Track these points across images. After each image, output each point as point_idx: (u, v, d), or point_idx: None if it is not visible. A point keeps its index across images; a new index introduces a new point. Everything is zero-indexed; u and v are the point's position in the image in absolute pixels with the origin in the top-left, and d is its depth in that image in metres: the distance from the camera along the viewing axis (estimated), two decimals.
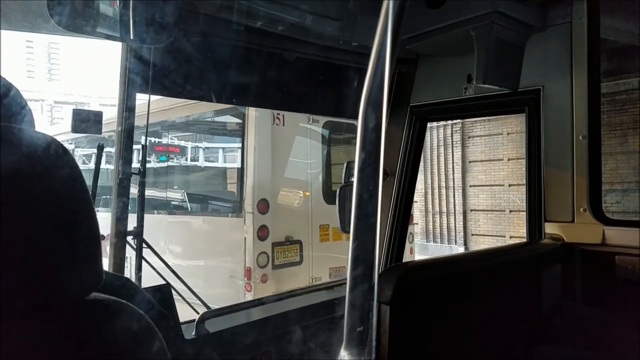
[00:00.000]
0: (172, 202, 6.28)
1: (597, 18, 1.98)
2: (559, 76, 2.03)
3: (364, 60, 0.60)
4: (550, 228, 2.07)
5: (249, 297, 4.76)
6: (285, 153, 5.19)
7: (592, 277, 1.96)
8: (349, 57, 2.37)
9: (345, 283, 0.67)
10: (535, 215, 2.13)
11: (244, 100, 2.60)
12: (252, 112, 5.03)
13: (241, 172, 5.16)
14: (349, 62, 2.39)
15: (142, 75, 1.98)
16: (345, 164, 2.95)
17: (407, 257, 6.04)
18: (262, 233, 4.98)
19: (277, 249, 5.01)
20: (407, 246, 6.20)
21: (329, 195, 5.51)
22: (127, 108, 2.06)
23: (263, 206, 5.00)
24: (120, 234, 2.18)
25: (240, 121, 5.19)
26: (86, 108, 2.56)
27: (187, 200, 6.15)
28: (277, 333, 2.18)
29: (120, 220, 2.18)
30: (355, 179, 0.64)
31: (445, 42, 2.18)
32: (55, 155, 0.66)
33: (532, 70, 2.09)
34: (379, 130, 0.59)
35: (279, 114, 5.14)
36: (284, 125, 5.16)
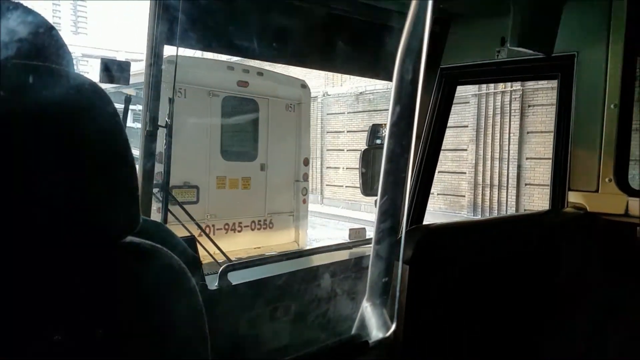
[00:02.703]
0: None
1: None
2: (595, 42, 1.96)
3: (400, 20, 0.59)
4: (573, 197, 2.05)
5: None
6: (185, 119, 6.15)
7: (612, 247, 1.94)
8: (383, 15, 2.30)
9: (367, 244, 0.67)
10: (560, 183, 2.10)
11: (271, 56, 2.55)
12: None
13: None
14: (384, 20, 2.32)
15: (170, 27, 1.97)
16: (370, 127, 2.92)
17: (301, 207, 7.54)
18: (159, 177, 6.00)
19: (176, 190, 6.15)
20: (301, 198, 7.53)
21: (224, 152, 6.93)
22: (155, 61, 2.06)
23: (160, 157, 5.94)
24: (146, 186, 2.23)
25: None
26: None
27: None
28: (298, 287, 2.24)
29: (147, 172, 2.22)
30: (387, 134, 0.64)
31: (480, 1, 2.11)
32: (95, 94, 0.66)
33: (568, 35, 2.02)
34: (416, 84, 0.58)
35: (180, 88, 6.04)
36: (185, 97, 6.18)
